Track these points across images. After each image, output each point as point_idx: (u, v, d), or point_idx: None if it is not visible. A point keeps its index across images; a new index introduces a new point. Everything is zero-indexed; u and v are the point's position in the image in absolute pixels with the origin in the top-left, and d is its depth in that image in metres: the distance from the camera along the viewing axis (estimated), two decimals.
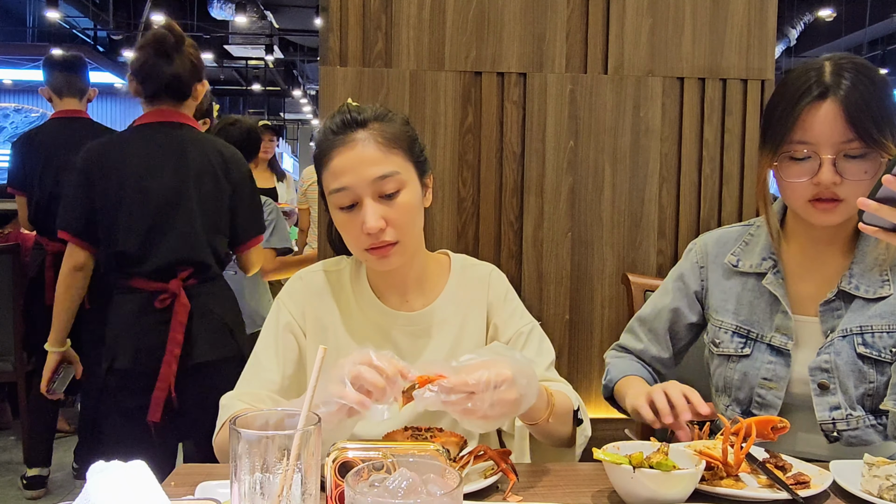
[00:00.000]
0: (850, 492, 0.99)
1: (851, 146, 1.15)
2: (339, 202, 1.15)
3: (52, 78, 3.06)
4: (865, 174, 1.16)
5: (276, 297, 1.28)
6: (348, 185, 1.14)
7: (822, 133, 1.16)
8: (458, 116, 2.05)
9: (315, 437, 0.72)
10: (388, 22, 2.02)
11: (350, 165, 1.14)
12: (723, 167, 2.11)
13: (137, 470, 0.73)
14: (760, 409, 1.29)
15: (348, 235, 1.18)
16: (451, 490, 0.62)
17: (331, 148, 1.16)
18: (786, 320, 1.28)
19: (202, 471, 1.06)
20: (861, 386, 1.23)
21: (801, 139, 1.18)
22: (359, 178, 1.13)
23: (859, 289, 1.24)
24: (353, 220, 1.15)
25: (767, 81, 2.11)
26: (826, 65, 1.19)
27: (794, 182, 1.20)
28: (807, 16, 9.59)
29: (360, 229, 1.14)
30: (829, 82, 1.17)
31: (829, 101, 1.16)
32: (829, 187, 1.17)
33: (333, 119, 1.18)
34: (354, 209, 1.15)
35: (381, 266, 1.19)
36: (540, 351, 1.28)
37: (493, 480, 1.00)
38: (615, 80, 2.08)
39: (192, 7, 10.80)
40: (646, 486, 0.94)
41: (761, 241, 1.34)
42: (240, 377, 1.22)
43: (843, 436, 1.23)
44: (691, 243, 1.44)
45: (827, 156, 1.16)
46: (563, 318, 2.10)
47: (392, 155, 1.15)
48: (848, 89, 1.16)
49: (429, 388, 0.91)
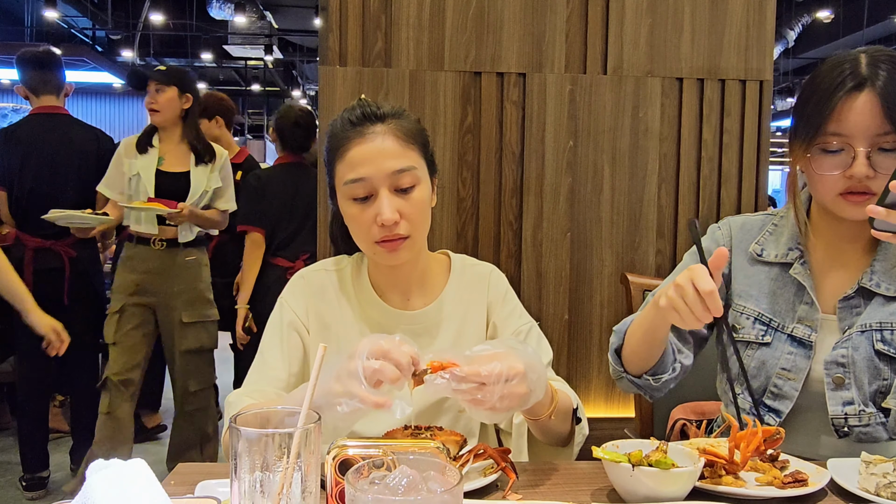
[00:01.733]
0: (848, 489, 0.99)
1: (886, 139, 1.14)
2: (353, 193, 1.16)
3: (27, 76, 3.04)
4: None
5: (280, 296, 1.28)
6: (366, 176, 1.14)
7: (858, 125, 1.15)
8: (458, 116, 2.05)
9: (315, 435, 0.72)
10: (387, 22, 2.03)
11: (369, 157, 1.15)
12: (721, 167, 2.12)
13: (137, 468, 0.73)
14: (775, 399, 1.27)
15: (359, 228, 1.18)
16: (452, 487, 0.63)
17: (348, 139, 1.16)
18: (811, 311, 1.26)
19: (202, 469, 1.06)
20: (875, 382, 1.23)
21: (836, 131, 1.17)
22: (377, 169, 1.14)
23: (880, 286, 1.23)
24: (365, 211, 1.16)
25: (766, 82, 2.12)
26: (861, 57, 1.18)
27: (826, 175, 1.18)
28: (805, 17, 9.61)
29: (372, 221, 1.14)
30: (866, 74, 1.15)
31: (867, 93, 1.14)
32: (861, 180, 1.16)
33: (353, 111, 1.18)
34: (368, 201, 1.15)
35: (389, 260, 1.19)
36: (538, 350, 1.28)
37: (492, 479, 1.00)
38: (614, 80, 2.08)
39: (190, 7, 10.80)
40: (645, 484, 0.94)
41: (787, 231, 1.32)
42: (246, 376, 1.23)
43: (854, 431, 1.23)
44: (714, 225, 1.42)
45: (861, 148, 1.15)
46: (563, 318, 2.10)
47: (409, 150, 1.17)
48: (885, 81, 1.14)
49: (441, 374, 0.91)
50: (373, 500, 0.62)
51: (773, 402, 1.27)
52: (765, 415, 1.28)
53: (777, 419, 1.27)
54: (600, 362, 2.12)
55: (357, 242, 1.21)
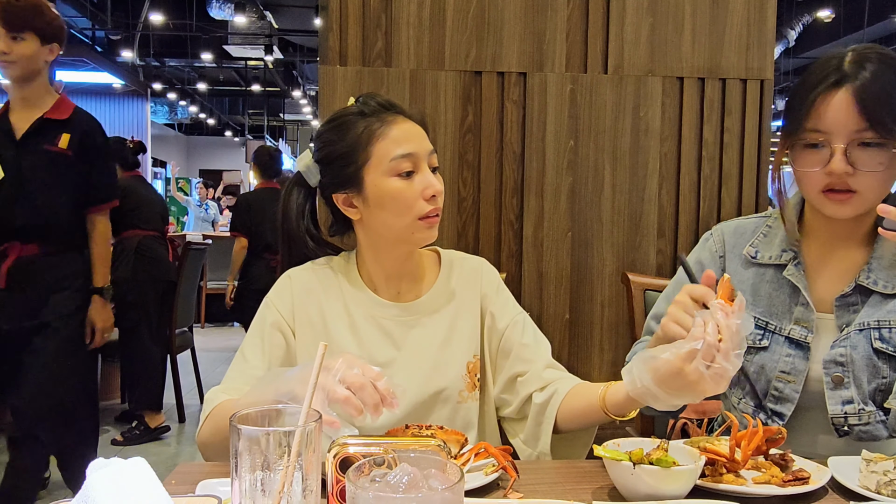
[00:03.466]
0: (849, 487, 0.99)
1: (865, 135, 1.14)
2: (401, 168, 1.19)
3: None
4: (880, 165, 1.14)
5: (266, 295, 1.29)
6: (413, 151, 1.20)
7: (835, 121, 1.15)
8: (458, 116, 2.05)
9: (316, 434, 0.72)
10: (387, 21, 2.03)
11: (412, 134, 1.22)
12: (722, 167, 2.12)
13: (138, 467, 0.73)
14: (776, 402, 1.27)
15: (402, 204, 1.20)
16: (453, 484, 0.63)
17: (385, 121, 1.22)
18: (806, 313, 1.26)
19: (203, 469, 1.06)
20: (874, 381, 1.22)
21: (815, 127, 1.17)
22: (420, 146, 1.21)
23: (877, 284, 1.23)
24: (411, 186, 1.19)
25: (766, 81, 2.12)
26: (849, 54, 1.18)
27: (807, 171, 1.19)
28: (805, 17, 9.61)
29: (418, 195, 1.19)
30: (847, 71, 1.16)
31: (844, 90, 1.15)
32: (841, 177, 1.16)
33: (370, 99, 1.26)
34: (411, 177, 1.20)
35: (429, 236, 1.23)
36: (538, 338, 1.31)
37: (493, 478, 1.00)
38: (615, 79, 2.08)
39: (190, 7, 10.80)
40: (646, 483, 0.94)
41: (780, 232, 1.32)
42: (226, 373, 1.23)
43: (854, 430, 1.22)
44: (707, 233, 1.42)
45: (838, 145, 1.15)
46: (563, 317, 2.10)
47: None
48: (865, 78, 1.14)
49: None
50: (373, 498, 0.62)
51: (775, 406, 1.27)
52: (768, 419, 1.28)
53: (780, 422, 1.27)
54: (601, 362, 2.11)
55: (394, 221, 1.21)
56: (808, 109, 1.18)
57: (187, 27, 11.29)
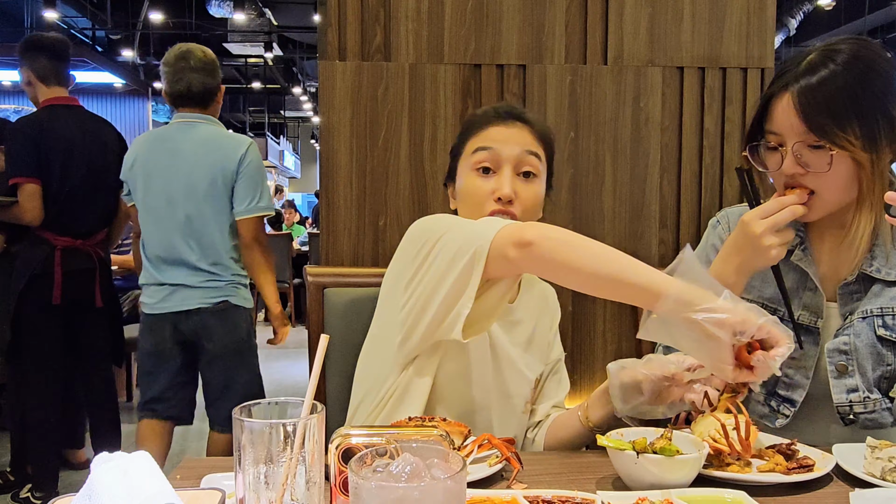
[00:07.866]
0: (854, 474, 0.99)
1: (809, 137, 1.16)
2: (478, 161, 1.22)
3: (37, 64, 2.86)
4: (827, 166, 1.15)
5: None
6: (493, 147, 1.22)
7: (783, 124, 1.18)
8: (458, 109, 2.05)
9: (318, 426, 0.72)
10: (386, 15, 2.02)
11: (503, 136, 1.23)
12: (723, 156, 2.11)
13: (142, 461, 0.73)
14: (787, 388, 1.27)
15: (473, 200, 1.22)
16: (455, 473, 0.63)
17: (489, 123, 1.25)
18: (815, 298, 1.26)
19: (207, 463, 1.06)
20: (879, 368, 1.22)
21: (770, 129, 1.21)
22: (507, 147, 1.22)
23: (880, 271, 1.23)
24: (486, 183, 1.22)
25: (767, 70, 2.11)
26: (812, 54, 1.19)
27: (770, 172, 1.24)
28: (806, 5, 9.55)
29: (489, 194, 1.20)
30: (800, 71, 1.17)
31: (788, 93, 1.17)
32: (794, 177, 1.18)
33: (501, 106, 1.28)
34: (489, 175, 1.22)
35: None
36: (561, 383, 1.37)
37: (497, 468, 1.00)
38: (615, 70, 2.07)
39: (190, 5, 10.79)
40: (649, 472, 0.94)
41: None
42: None
43: (860, 418, 1.22)
44: (713, 219, 1.43)
45: (789, 146, 1.18)
46: (566, 309, 2.10)
47: (539, 148, 1.25)
48: (809, 81, 1.15)
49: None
50: (376, 488, 0.62)
51: (786, 392, 1.27)
52: (779, 405, 1.28)
53: (791, 409, 1.27)
54: (604, 353, 2.11)
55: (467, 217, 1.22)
56: (763, 111, 1.22)
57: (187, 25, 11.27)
